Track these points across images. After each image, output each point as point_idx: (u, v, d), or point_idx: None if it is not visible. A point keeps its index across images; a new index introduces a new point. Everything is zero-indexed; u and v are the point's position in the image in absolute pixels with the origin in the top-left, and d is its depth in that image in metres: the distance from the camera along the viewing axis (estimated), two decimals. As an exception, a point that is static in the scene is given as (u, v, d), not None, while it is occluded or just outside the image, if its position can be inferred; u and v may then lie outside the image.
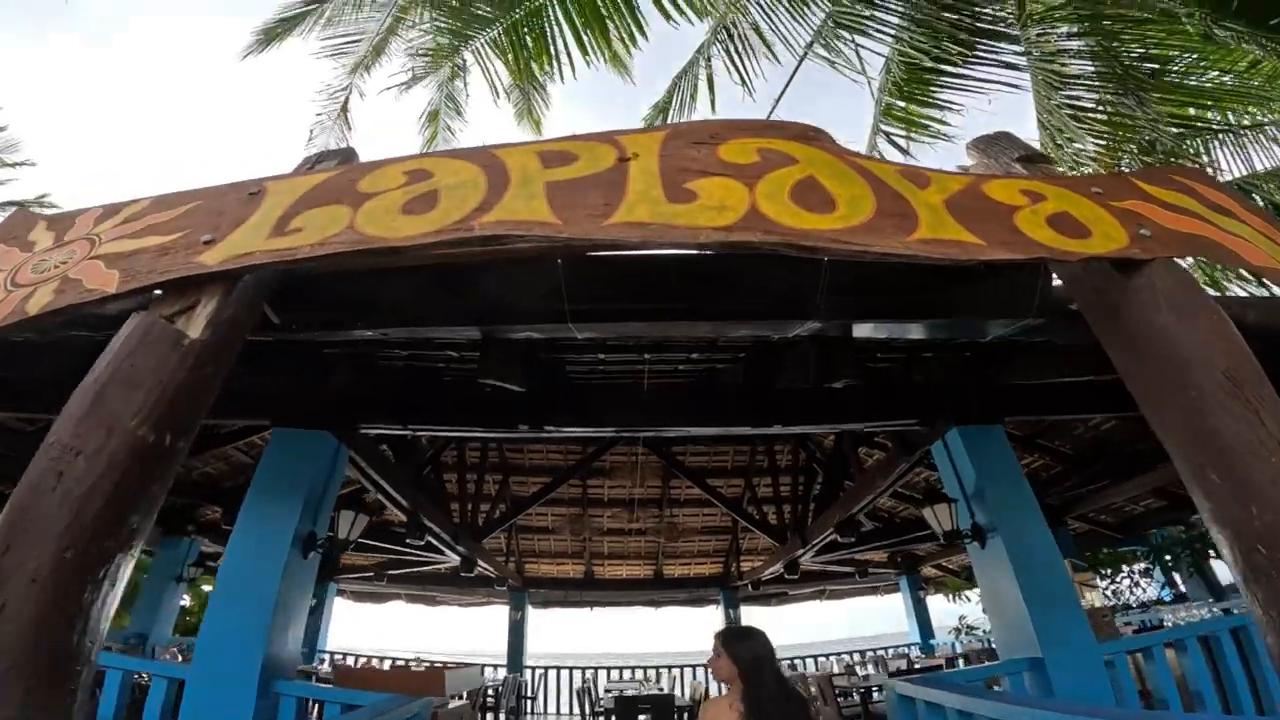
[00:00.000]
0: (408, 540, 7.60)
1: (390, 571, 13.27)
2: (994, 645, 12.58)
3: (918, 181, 2.30)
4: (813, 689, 9.50)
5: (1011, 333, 2.90)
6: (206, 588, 15.46)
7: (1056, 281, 2.74)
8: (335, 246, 1.89)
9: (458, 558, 9.96)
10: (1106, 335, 2.13)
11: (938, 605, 16.17)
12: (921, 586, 14.76)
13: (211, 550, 11.42)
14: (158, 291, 1.98)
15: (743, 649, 2.77)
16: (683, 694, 10.94)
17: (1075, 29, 4.82)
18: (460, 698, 7.33)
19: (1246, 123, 5.43)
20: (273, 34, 7.26)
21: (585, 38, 6.33)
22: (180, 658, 9.58)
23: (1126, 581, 12.56)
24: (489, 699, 10.29)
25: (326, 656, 13.81)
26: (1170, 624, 8.98)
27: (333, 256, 1.88)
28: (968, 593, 14.15)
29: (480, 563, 10.62)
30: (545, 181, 2.14)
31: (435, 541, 8.60)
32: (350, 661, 14.01)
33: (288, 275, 2.40)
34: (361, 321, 2.79)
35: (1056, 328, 2.97)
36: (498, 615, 14.16)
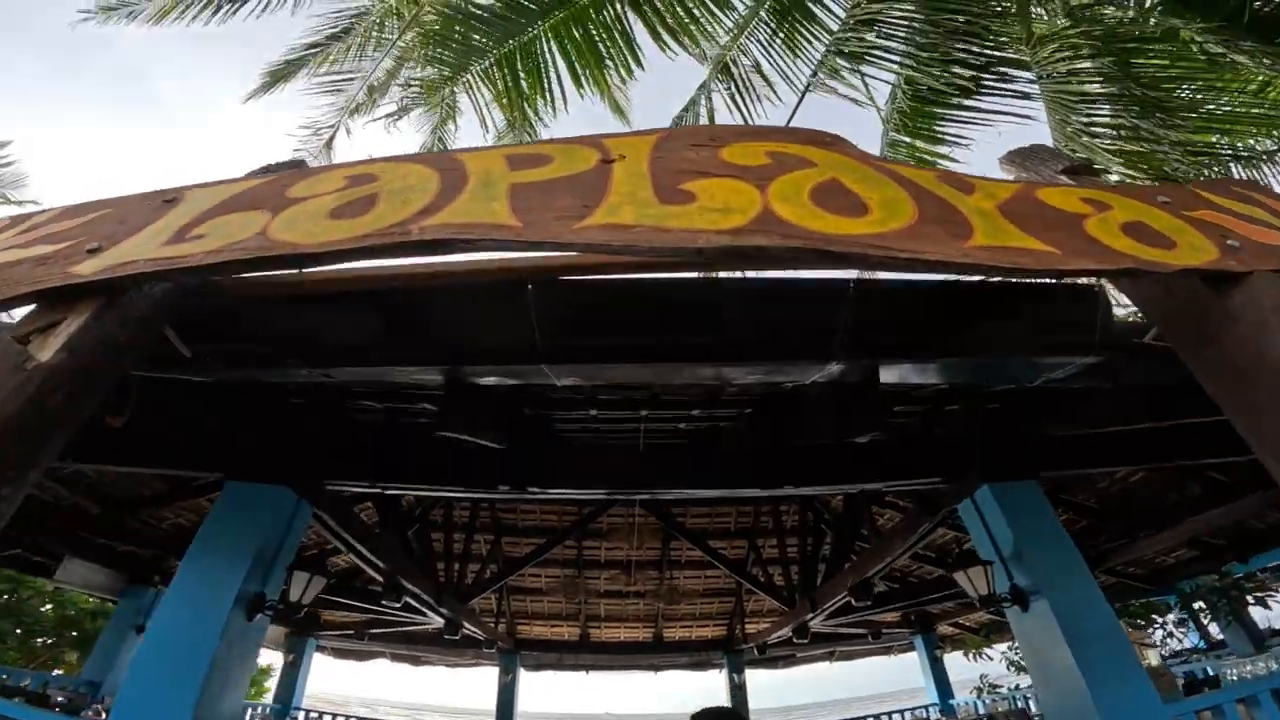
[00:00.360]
0: (383, 601, 7.03)
1: (372, 630, 12.54)
2: (1021, 705, 11.95)
3: (961, 187, 1.91)
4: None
5: (1067, 373, 2.47)
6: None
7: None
8: (235, 254, 1.49)
9: (442, 620, 9.33)
10: (1202, 363, 1.73)
11: (955, 662, 15.40)
12: (938, 645, 14.00)
13: None
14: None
15: None
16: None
17: (1087, 49, 4.57)
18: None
19: (1260, 148, 5.16)
20: (279, 75, 7.11)
21: (581, 74, 6.12)
22: None
23: (1158, 633, 12.13)
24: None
25: (301, 714, 12.98)
26: (1232, 676, 8.53)
27: (230, 264, 1.48)
28: (989, 650, 13.39)
29: (467, 625, 9.97)
30: (510, 184, 1.75)
31: (416, 603, 8.03)
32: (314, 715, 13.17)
33: (210, 302, 2.01)
34: (301, 360, 2.37)
35: (1113, 366, 2.56)
36: (489, 674, 13.36)
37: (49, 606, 14.34)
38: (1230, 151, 5.00)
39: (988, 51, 4.86)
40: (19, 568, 9.73)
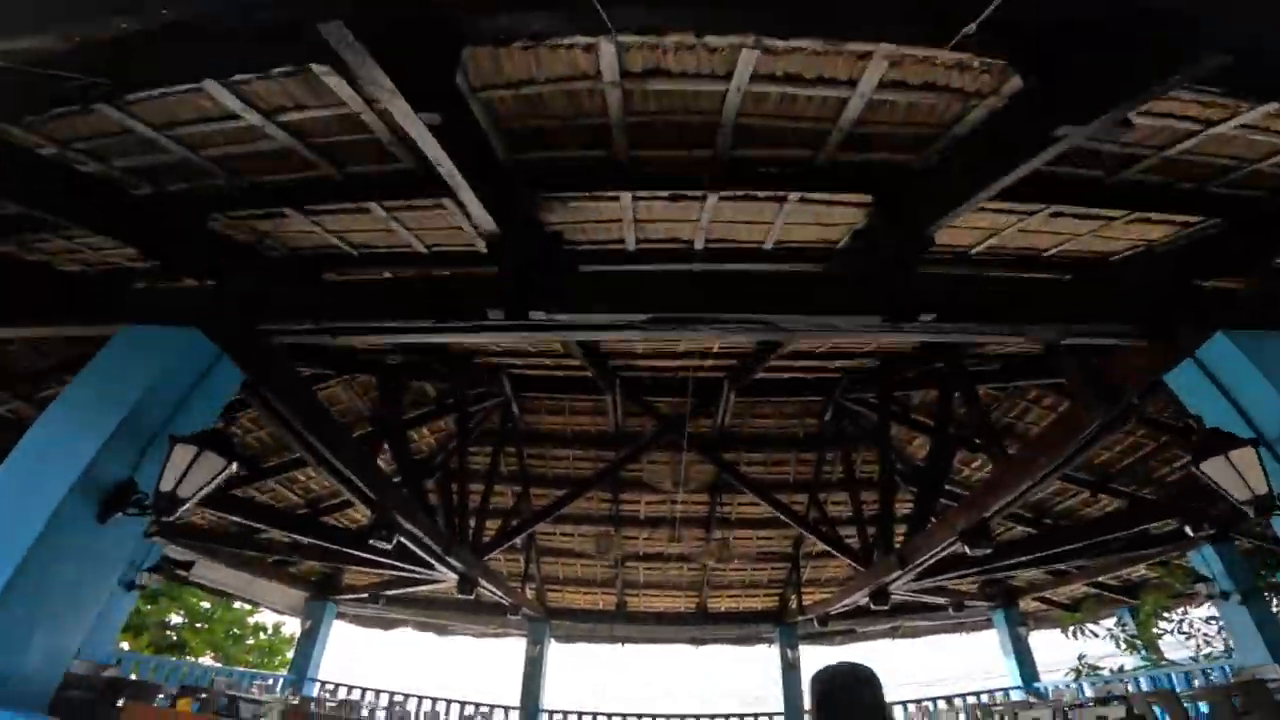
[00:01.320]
0: (371, 542, 5.77)
1: (388, 592, 11.41)
2: (1132, 687, 10.26)
3: None
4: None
5: None
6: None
7: None
8: None
9: (454, 575, 8.06)
10: None
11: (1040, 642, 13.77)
12: (1022, 622, 12.34)
13: (181, 557, 9.77)
14: None
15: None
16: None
17: None
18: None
19: None
20: None
21: None
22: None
23: None
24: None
25: (317, 685, 11.97)
26: None
27: None
28: (1094, 626, 11.72)
29: (485, 585, 8.66)
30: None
31: (418, 551, 6.77)
32: (341, 693, 12.14)
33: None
34: None
35: None
36: (518, 648, 12.16)
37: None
38: None
39: None
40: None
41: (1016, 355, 6.77)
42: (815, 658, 13.56)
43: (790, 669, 11.98)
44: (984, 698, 12.08)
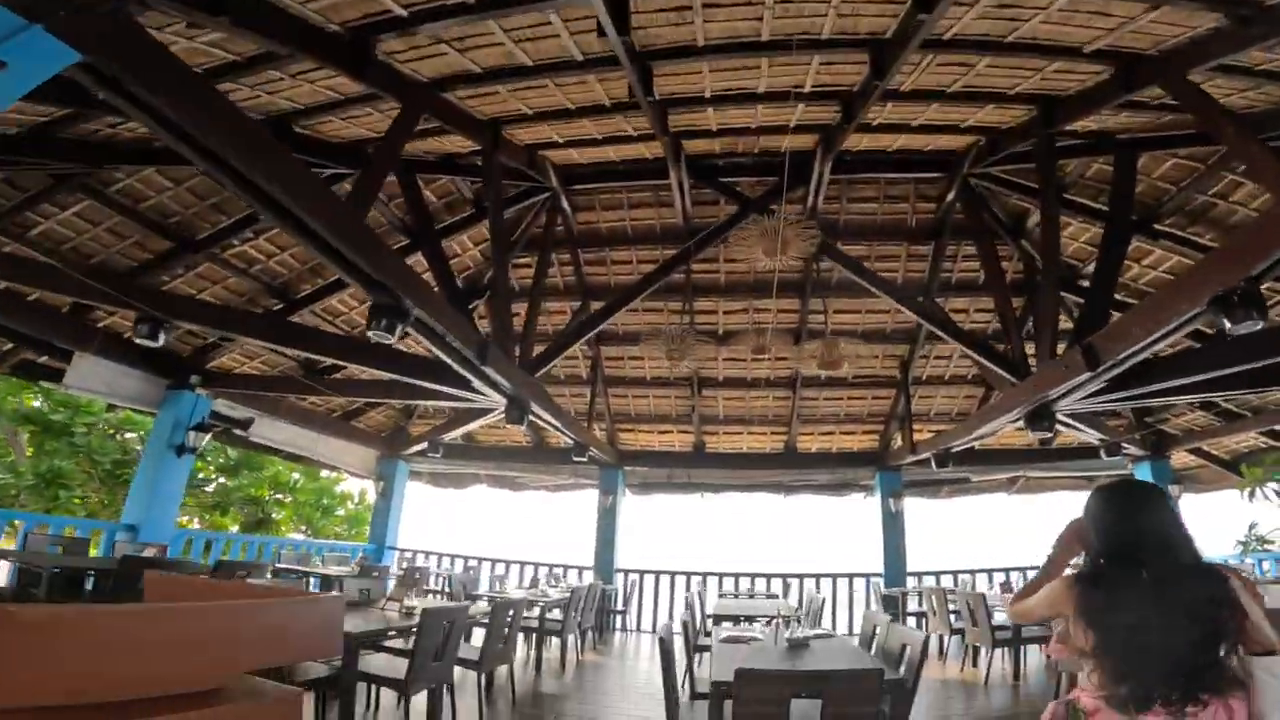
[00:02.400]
0: (371, 334, 4.68)
1: (449, 436, 10.78)
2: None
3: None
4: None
5: None
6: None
7: None
8: None
9: (500, 398, 7.09)
10: None
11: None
12: (1175, 480, 10.59)
13: (232, 413, 9.22)
14: None
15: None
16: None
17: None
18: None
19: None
20: None
21: None
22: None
23: None
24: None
25: (395, 554, 11.69)
26: None
27: None
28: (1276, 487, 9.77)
29: (540, 414, 7.53)
30: None
31: (448, 359, 5.73)
32: (418, 560, 11.86)
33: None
34: None
35: None
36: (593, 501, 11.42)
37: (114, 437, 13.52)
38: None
39: None
40: (28, 375, 8.12)
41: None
42: (920, 511, 12.35)
43: (892, 520, 10.73)
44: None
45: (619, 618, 10.32)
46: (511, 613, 5.21)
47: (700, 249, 7.55)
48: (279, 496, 13.70)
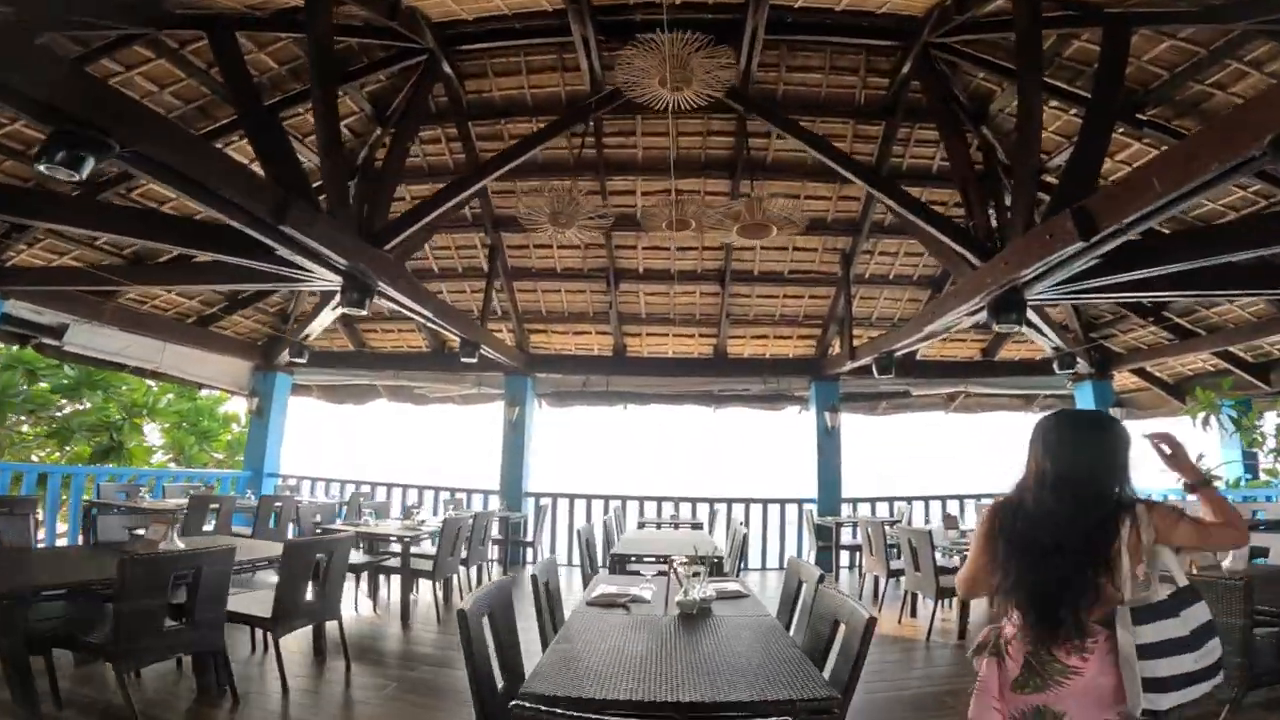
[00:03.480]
0: (44, 165, 3.24)
1: (318, 339, 9.52)
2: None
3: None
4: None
5: None
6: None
7: None
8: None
9: (334, 275, 5.47)
10: None
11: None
12: (1117, 403, 10.15)
13: (38, 318, 7.70)
14: None
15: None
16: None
17: None
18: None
19: None
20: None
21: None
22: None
23: None
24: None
25: (277, 481, 10.47)
26: None
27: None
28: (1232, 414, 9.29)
29: (395, 297, 6.20)
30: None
31: (215, 210, 4.39)
32: (305, 488, 10.71)
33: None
34: None
35: None
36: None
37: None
38: None
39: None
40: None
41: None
42: (856, 429, 11.71)
43: (828, 439, 9.98)
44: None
45: (528, 550, 9.30)
46: (324, 555, 4.15)
47: (603, 106, 6.47)
48: (137, 421, 12.05)
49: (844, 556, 9.02)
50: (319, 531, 6.81)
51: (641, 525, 8.51)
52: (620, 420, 11.71)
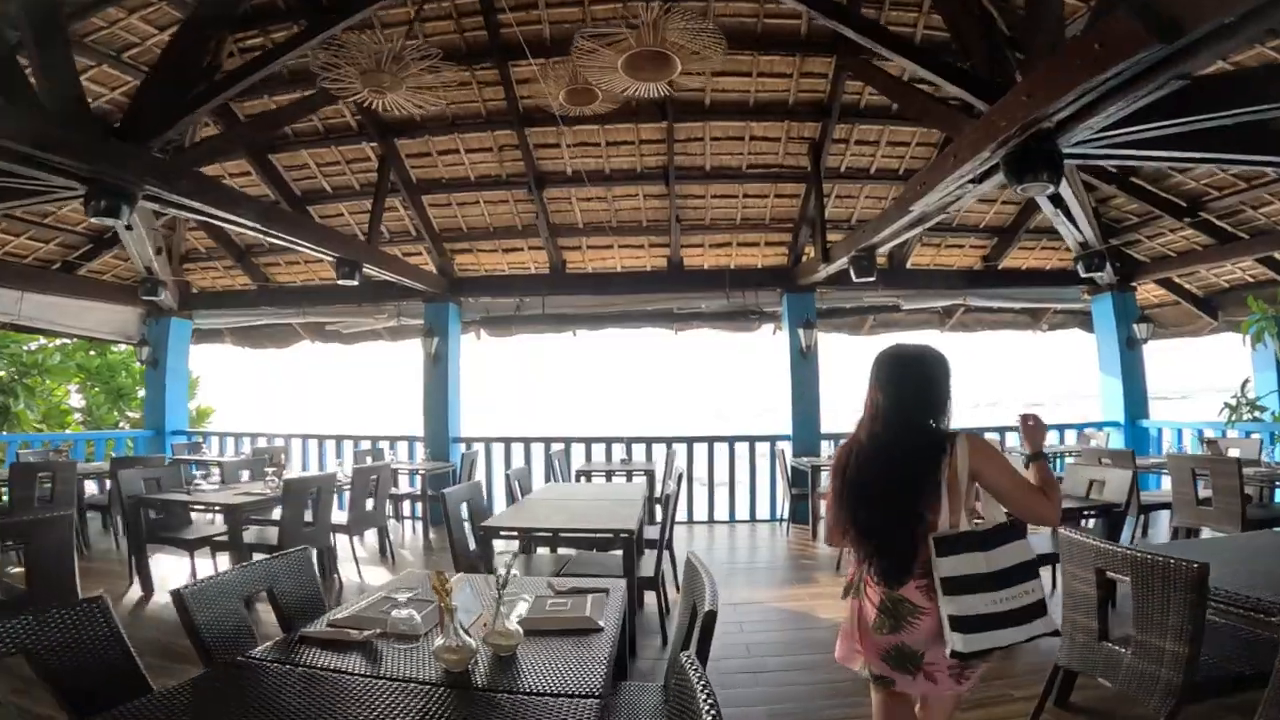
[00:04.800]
0: None
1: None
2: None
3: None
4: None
5: None
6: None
7: None
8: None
9: (78, 183, 4.23)
10: None
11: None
12: (1143, 317, 8.84)
13: None
14: None
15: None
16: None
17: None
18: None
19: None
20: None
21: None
22: None
23: None
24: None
25: (184, 440, 9.55)
26: None
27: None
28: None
29: (181, 200, 5.02)
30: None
31: None
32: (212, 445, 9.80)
33: None
34: None
35: None
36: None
37: None
38: None
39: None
40: None
41: None
42: (838, 351, 10.58)
43: (802, 361, 8.79)
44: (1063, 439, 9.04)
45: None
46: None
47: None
48: (30, 383, 10.92)
49: (821, 509, 8.06)
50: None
51: (581, 476, 7.48)
52: (574, 352, 10.68)
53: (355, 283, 6.94)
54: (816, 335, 8.89)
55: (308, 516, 5.28)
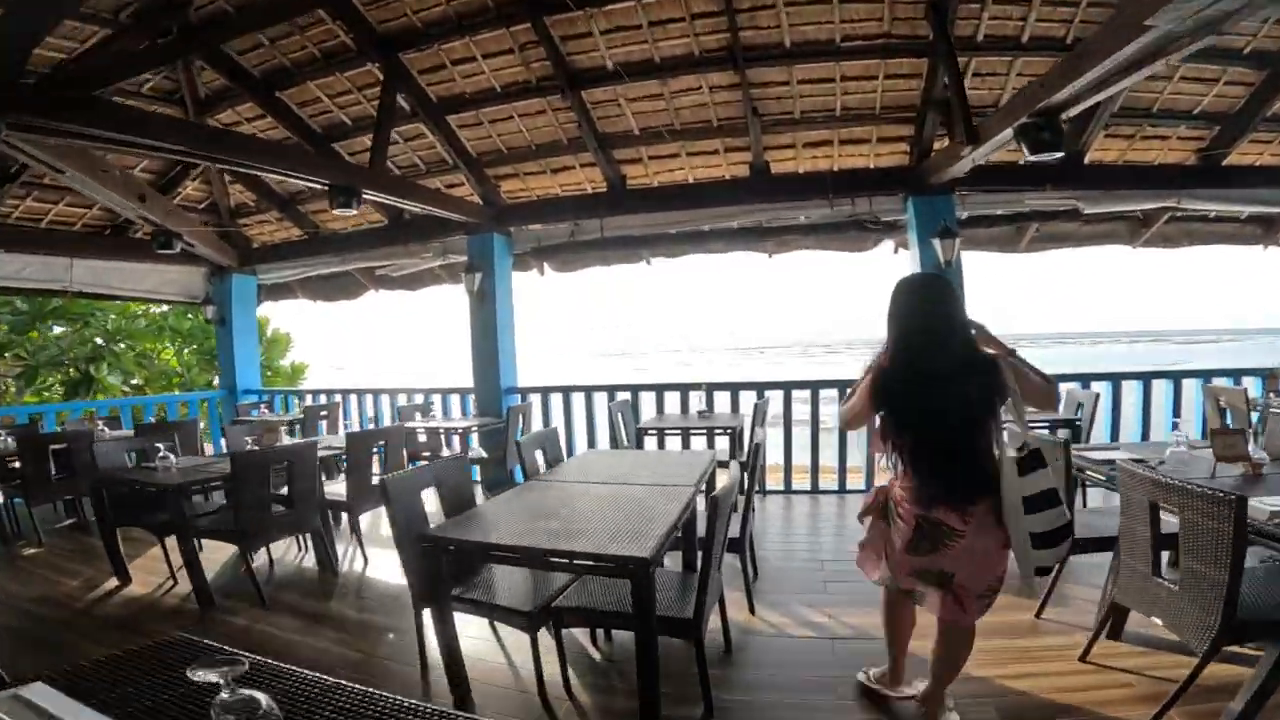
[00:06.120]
0: None
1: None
2: None
3: None
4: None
5: None
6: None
7: None
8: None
9: None
10: None
11: None
12: None
13: None
14: None
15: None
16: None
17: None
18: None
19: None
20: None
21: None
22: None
23: None
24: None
25: (253, 398, 9.48)
26: None
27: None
28: None
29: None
30: None
31: None
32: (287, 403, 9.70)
33: None
34: None
35: None
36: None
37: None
38: None
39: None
40: None
41: None
42: (985, 274, 8.63)
43: (939, 274, 7.01)
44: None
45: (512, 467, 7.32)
46: None
47: None
48: (114, 347, 11.38)
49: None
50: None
51: (642, 433, 6.36)
52: (654, 282, 9.46)
53: (353, 211, 6.11)
54: (959, 247, 7.06)
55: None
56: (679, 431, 6.67)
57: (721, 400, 7.46)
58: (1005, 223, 8.04)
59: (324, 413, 8.32)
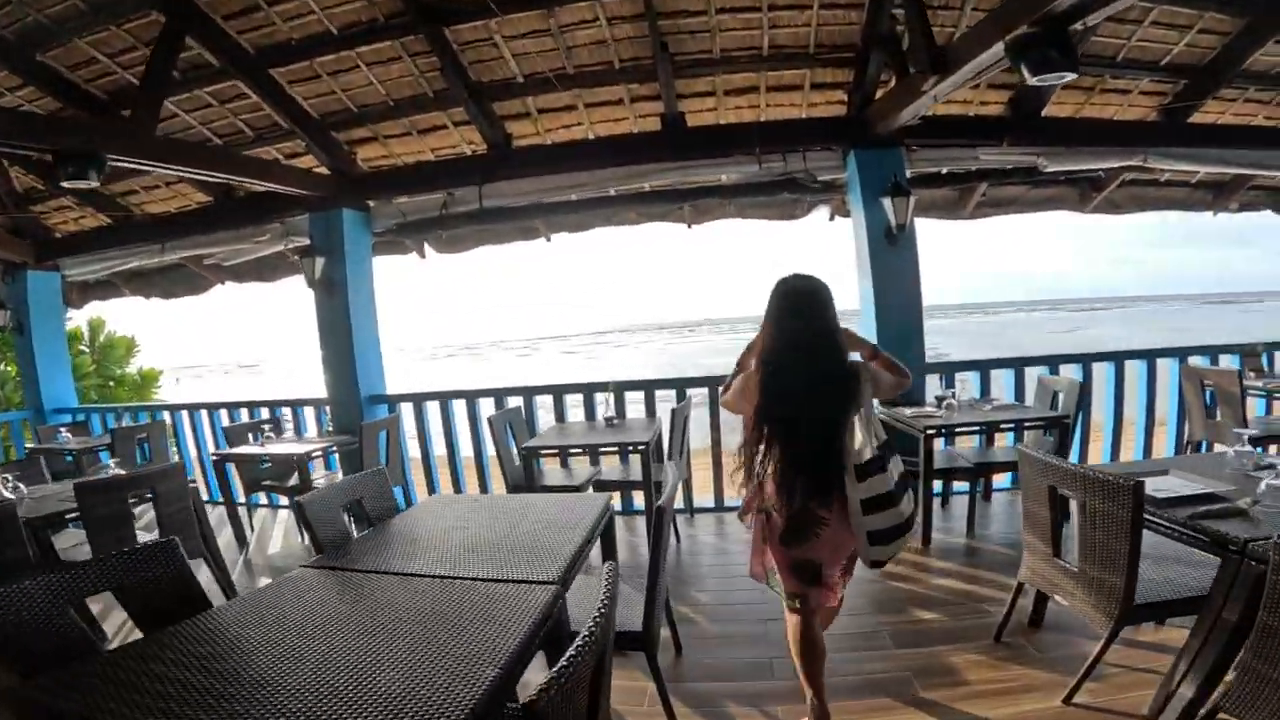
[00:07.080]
0: None
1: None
2: None
3: None
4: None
5: None
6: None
7: None
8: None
9: None
10: None
11: None
12: None
13: None
14: None
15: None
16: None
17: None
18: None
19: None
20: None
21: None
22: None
23: None
24: None
25: (63, 420, 7.80)
26: None
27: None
28: None
29: None
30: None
31: None
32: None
33: None
34: None
35: None
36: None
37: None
38: None
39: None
40: None
41: None
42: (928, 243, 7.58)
43: (889, 246, 5.98)
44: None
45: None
46: None
47: None
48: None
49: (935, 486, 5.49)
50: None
51: (530, 457, 5.09)
52: (561, 262, 8.24)
53: (94, 183, 4.66)
54: (911, 208, 6.03)
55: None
56: (581, 450, 5.44)
57: (634, 401, 6.33)
58: (954, 183, 7.12)
59: (142, 435, 6.80)
